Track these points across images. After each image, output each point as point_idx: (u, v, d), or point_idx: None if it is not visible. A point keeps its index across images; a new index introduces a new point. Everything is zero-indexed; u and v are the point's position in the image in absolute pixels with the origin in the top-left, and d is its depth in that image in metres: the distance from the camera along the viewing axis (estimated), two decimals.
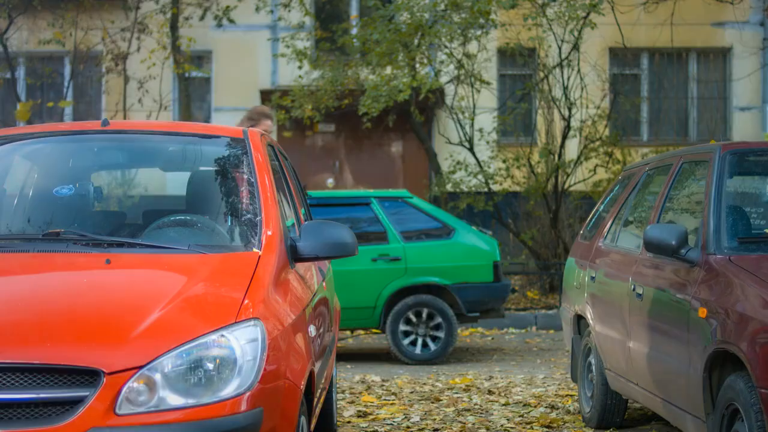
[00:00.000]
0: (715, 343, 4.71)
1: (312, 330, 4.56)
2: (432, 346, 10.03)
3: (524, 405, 7.47)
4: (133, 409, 3.51)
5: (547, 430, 6.65)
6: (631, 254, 6.24)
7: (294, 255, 4.59)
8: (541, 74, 14.86)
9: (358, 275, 9.75)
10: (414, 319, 10.01)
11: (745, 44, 17.69)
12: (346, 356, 10.51)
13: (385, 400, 7.72)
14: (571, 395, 7.78)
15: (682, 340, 5.09)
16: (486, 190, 14.83)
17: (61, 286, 4.09)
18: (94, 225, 4.83)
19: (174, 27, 15.61)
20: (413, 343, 10.03)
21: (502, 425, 6.74)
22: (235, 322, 3.74)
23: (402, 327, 9.98)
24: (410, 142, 17.68)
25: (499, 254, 10.34)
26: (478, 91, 14.35)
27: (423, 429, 6.64)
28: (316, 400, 4.71)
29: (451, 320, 9.96)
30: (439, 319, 9.99)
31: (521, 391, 8.07)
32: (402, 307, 9.97)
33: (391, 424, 6.80)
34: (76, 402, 3.48)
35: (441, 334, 9.99)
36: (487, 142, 15.27)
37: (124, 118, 16.01)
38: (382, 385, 8.45)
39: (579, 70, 14.28)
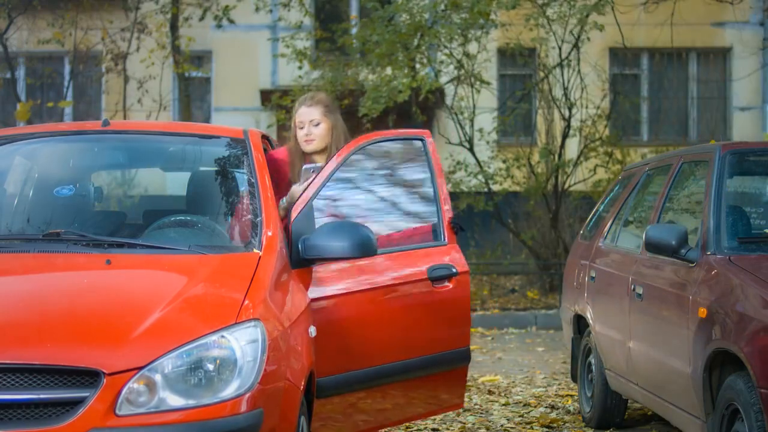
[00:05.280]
0: (715, 343, 4.71)
1: (312, 330, 4.55)
2: None
3: (524, 405, 7.47)
4: (133, 410, 3.51)
5: (547, 430, 6.65)
6: (631, 254, 6.24)
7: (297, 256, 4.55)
8: (541, 74, 14.86)
9: None
10: None
11: (745, 44, 17.69)
12: None
13: None
14: (571, 395, 7.78)
15: (682, 340, 5.09)
16: (486, 190, 14.82)
17: (61, 286, 4.08)
18: (95, 225, 4.82)
19: (174, 27, 15.60)
20: None
21: (502, 425, 6.74)
22: (236, 323, 3.74)
23: None
24: None
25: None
26: (478, 92, 14.33)
27: (422, 429, 6.64)
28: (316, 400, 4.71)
29: None
30: None
31: (521, 391, 8.06)
32: None
33: None
34: (76, 403, 3.48)
35: None
36: (487, 143, 15.26)
37: (124, 118, 16.00)
38: None
39: (579, 70, 14.28)
